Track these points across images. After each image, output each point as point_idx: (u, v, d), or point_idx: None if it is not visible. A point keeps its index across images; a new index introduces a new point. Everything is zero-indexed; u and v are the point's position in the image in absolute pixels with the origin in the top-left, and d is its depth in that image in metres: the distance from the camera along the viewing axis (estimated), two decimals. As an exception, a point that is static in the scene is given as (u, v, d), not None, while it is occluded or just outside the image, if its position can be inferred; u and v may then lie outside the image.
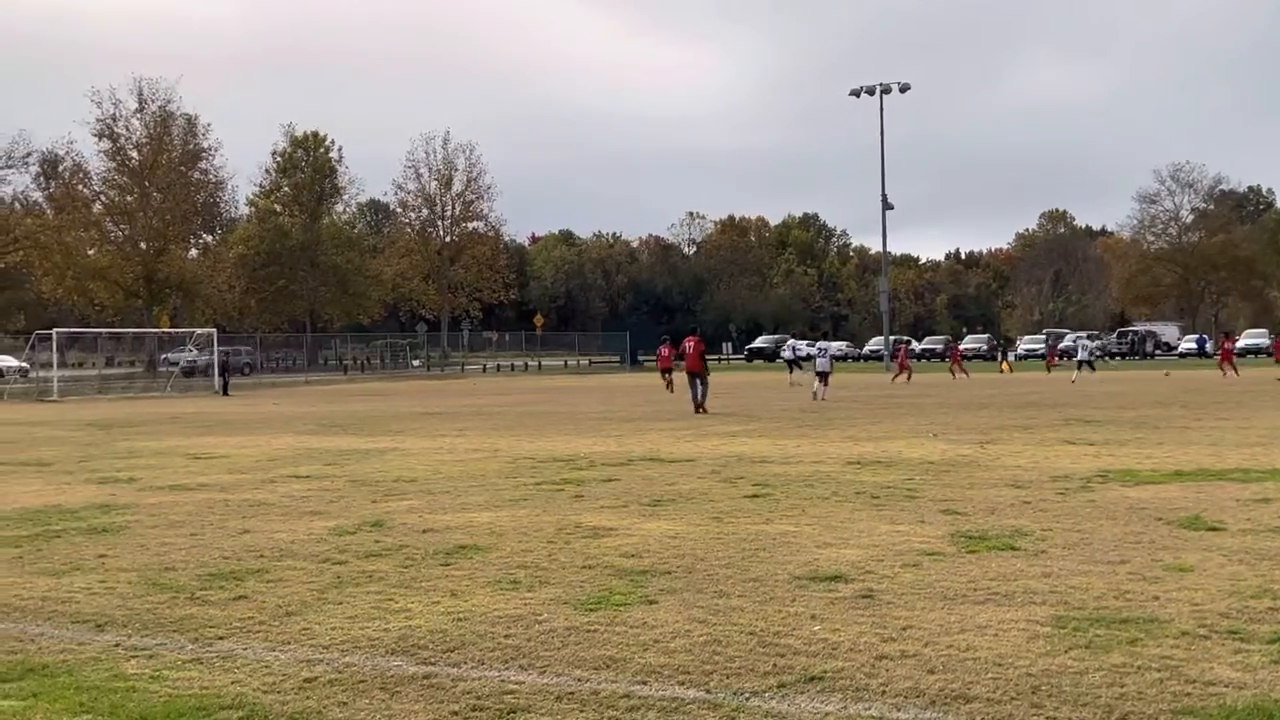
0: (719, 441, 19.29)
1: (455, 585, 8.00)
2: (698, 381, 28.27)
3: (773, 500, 11.95)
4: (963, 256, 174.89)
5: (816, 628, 6.66)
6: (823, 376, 33.70)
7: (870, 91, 72.18)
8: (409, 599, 7.60)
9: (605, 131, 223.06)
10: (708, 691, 5.59)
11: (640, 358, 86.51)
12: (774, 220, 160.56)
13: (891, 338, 73.76)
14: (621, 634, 6.60)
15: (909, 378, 46.38)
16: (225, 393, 46.47)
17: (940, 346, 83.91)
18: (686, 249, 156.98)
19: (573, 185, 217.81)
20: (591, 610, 7.17)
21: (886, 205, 73.09)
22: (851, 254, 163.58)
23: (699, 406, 27.71)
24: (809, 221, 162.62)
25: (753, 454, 17.00)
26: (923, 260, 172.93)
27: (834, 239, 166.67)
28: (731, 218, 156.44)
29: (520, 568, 8.56)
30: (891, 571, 8.17)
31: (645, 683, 5.73)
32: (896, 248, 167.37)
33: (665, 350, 40.88)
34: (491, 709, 5.38)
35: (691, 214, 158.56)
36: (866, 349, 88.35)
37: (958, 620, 6.78)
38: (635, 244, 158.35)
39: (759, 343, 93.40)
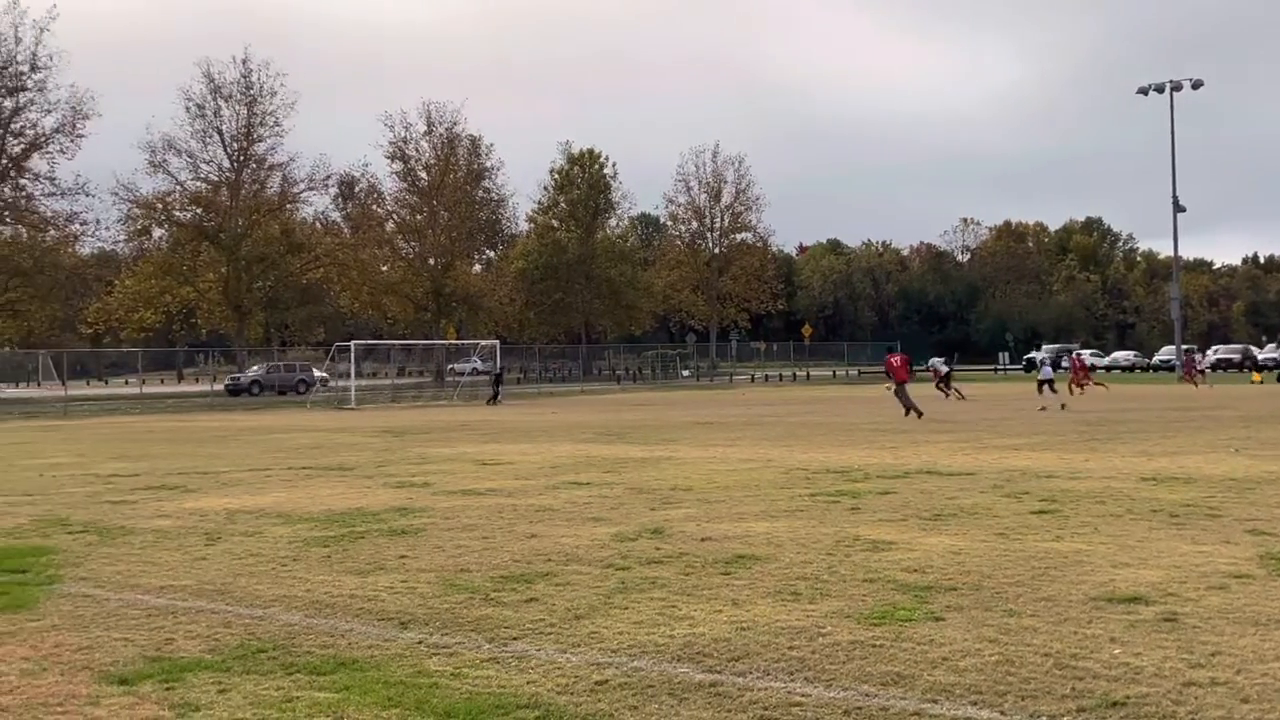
0: (999, 454, 18.71)
1: (736, 594, 8.05)
2: (902, 390, 30.82)
3: (1061, 517, 11.49)
4: (1261, 260, 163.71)
5: (1117, 650, 6.36)
6: (1047, 384, 35.44)
7: (1159, 89, 68.76)
8: (692, 606, 7.70)
9: (875, 137, 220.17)
10: (1002, 713, 5.43)
11: (912, 368, 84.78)
12: (1053, 225, 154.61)
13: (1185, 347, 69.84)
14: (908, 650, 6.48)
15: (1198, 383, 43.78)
16: (495, 402, 47.84)
17: (1238, 356, 78.48)
18: (960, 256, 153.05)
19: (841, 193, 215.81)
20: (876, 625, 7.07)
21: (1178, 208, 69.34)
22: (1138, 259, 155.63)
23: (916, 411, 29.78)
24: (1092, 225, 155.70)
25: (1037, 468, 16.41)
26: (1217, 265, 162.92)
27: (1119, 244, 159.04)
28: (1007, 223, 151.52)
29: (800, 579, 8.53)
30: (1196, 594, 7.73)
31: (935, 701, 5.61)
32: (1188, 252, 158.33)
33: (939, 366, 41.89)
34: (779, 720, 5.38)
35: (965, 220, 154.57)
36: (1156, 359, 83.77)
37: (1272, 647, 6.36)
38: (906, 252, 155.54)
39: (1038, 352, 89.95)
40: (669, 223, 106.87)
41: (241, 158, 71.56)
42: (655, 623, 7.26)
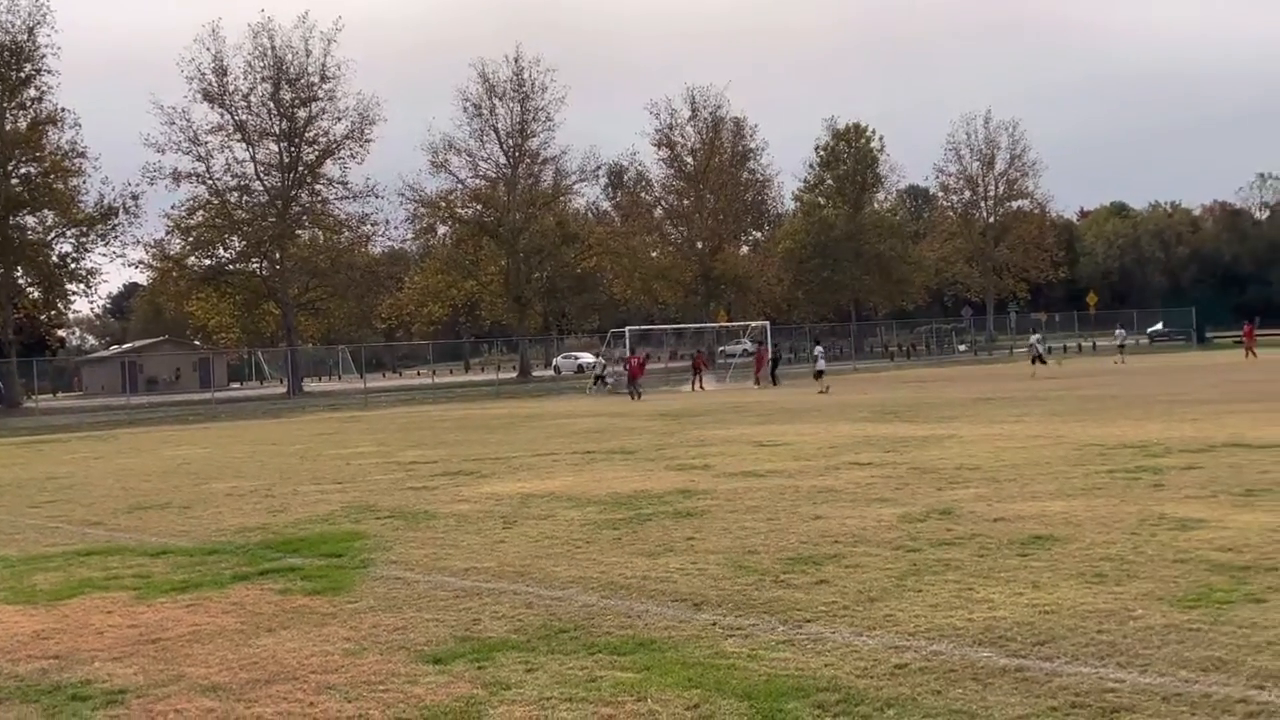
0: (1315, 424, 17.42)
1: (1036, 576, 7.78)
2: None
3: (1393, 491, 10.61)
4: None
5: None
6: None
7: None
8: (989, 589, 7.49)
9: (1161, 92, 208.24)
10: (1340, 703, 5.05)
11: (1209, 335, 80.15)
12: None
13: None
14: (1228, 634, 6.12)
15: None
16: (775, 383, 47.90)
17: None
18: (1258, 214, 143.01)
19: (1126, 153, 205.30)
20: (1190, 607, 6.70)
21: None
22: None
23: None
24: None
25: (1359, 438, 15.19)
26: None
27: None
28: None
29: (1104, 560, 8.17)
30: None
31: (1263, 687, 5.28)
32: None
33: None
34: (1092, 707, 5.17)
35: (1262, 175, 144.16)
36: None
37: None
38: (1197, 212, 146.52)
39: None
40: (940, 193, 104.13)
41: (517, 154, 74.19)
42: (952, 605, 7.10)
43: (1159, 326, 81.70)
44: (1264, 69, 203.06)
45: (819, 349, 42.05)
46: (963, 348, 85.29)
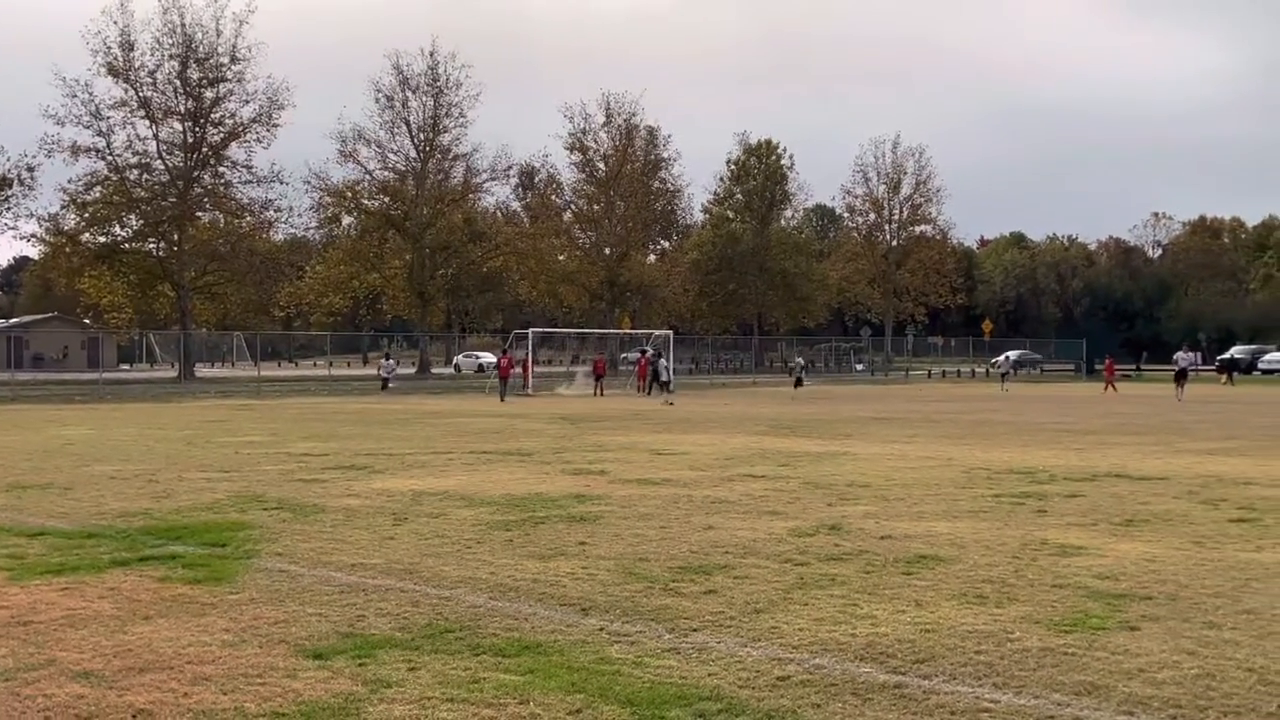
0: (1192, 459, 17.96)
1: (919, 595, 7.91)
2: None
3: (1262, 526, 10.97)
4: None
5: (1329, 671, 6.03)
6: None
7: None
8: (873, 605, 7.59)
9: (1063, 129, 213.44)
10: (1204, 730, 5.21)
11: (1097, 366, 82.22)
12: (1252, 221, 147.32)
13: None
14: (1102, 660, 6.27)
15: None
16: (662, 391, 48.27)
17: None
18: (1150, 252, 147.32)
19: (1027, 185, 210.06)
20: (1066, 632, 6.86)
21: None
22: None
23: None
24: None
25: (1233, 474, 15.69)
26: None
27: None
28: (1202, 218, 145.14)
29: (986, 582, 8.34)
30: None
31: (1132, 714, 5.42)
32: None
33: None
34: (967, 726, 5.26)
35: (1156, 215, 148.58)
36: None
37: None
38: (1093, 246, 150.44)
39: (1234, 353, 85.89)
40: (845, 214, 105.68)
41: (427, 148, 73.49)
42: (836, 620, 7.18)
43: (1006, 356, 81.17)
44: (1161, 111, 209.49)
45: (663, 361, 42.59)
46: (860, 367, 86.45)
